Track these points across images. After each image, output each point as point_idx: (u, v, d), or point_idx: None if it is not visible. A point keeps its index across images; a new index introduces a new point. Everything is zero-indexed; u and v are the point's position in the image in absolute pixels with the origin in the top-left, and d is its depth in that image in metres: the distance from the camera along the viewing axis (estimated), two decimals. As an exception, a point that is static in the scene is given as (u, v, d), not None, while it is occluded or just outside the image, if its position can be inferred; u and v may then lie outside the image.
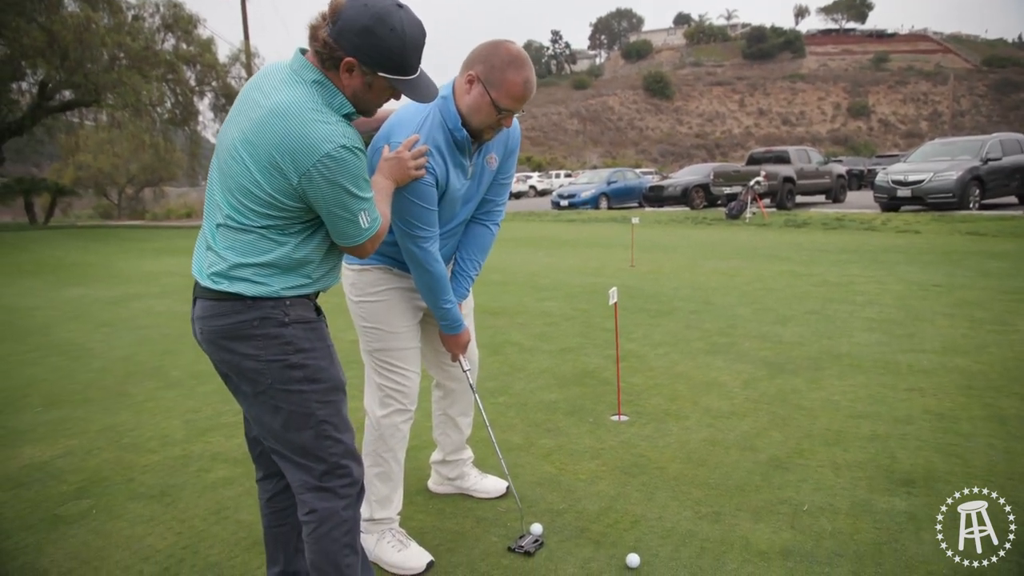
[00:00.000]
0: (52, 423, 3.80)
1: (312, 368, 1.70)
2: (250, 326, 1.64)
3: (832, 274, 7.69)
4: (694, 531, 2.39)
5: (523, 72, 1.98)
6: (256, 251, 1.63)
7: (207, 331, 1.69)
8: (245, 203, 1.60)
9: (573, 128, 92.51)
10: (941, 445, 3.00)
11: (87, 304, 7.81)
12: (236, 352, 1.66)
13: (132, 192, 38.67)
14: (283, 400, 1.68)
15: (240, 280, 1.64)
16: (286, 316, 1.66)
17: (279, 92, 1.60)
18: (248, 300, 1.64)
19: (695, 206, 20.97)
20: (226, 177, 1.63)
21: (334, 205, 1.59)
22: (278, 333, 1.66)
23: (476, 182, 2.24)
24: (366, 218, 1.66)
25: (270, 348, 1.65)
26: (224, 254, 1.64)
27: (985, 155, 14.79)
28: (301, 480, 1.74)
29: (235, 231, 1.63)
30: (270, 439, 1.74)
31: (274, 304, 1.65)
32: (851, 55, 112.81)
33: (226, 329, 1.65)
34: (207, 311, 1.68)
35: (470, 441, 2.80)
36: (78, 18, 20.82)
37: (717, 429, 3.29)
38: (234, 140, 1.62)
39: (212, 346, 1.70)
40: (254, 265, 1.63)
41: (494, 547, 2.35)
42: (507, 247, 12.06)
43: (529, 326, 5.69)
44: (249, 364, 1.66)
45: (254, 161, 1.57)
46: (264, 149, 1.56)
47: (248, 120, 1.60)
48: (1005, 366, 4.05)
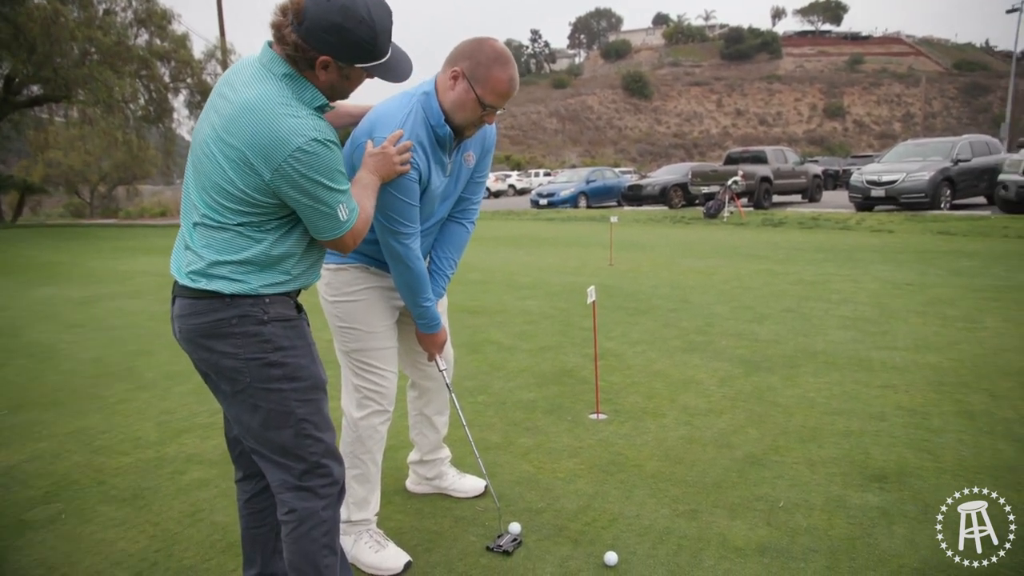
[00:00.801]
0: (19, 427, 3.72)
1: (292, 366, 1.68)
2: (228, 324, 1.62)
3: (808, 273, 7.78)
4: (671, 528, 2.40)
5: (508, 69, 1.99)
6: (233, 248, 1.61)
7: (186, 329, 1.67)
8: (220, 201, 1.58)
9: (552, 127, 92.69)
10: (913, 441, 3.04)
11: (57, 304, 7.65)
12: (215, 351, 1.65)
13: (105, 190, 38.03)
14: (262, 399, 1.66)
15: (218, 278, 1.61)
16: (265, 314, 1.64)
17: (249, 88, 1.58)
18: (227, 298, 1.62)
19: (673, 205, 21.12)
20: (200, 175, 1.61)
21: (309, 200, 1.57)
22: (257, 331, 1.64)
23: (454, 180, 2.22)
24: (344, 211, 1.63)
25: (248, 346, 1.63)
26: (202, 252, 1.62)
27: (956, 156, 15.08)
28: (281, 479, 1.72)
29: (212, 229, 1.61)
30: (250, 438, 1.72)
31: (253, 302, 1.63)
32: (827, 57, 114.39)
33: (204, 327, 1.64)
34: (185, 309, 1.66)
35: (448, 440, 2.79)
36: (45, 10, 20.31)
37: (694, 427, 3.31)
38: (206, 137, 1.60)
39: (191, 344, 1.68)
40: (231, 263, 1.61)
41: (472, 547, 2.34)
42: (486, 246, 12.04)
43: (508, 325, 5.68)
44: (228, 363, 1.64)
45: (226, 158, 1.56)
46: (235, 146, 1.54)
47: (219, 116, 1.59)
48: (974, 363, 4.13)
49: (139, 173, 34.56)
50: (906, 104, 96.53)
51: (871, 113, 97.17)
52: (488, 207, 25.99)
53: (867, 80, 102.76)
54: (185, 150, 18.31)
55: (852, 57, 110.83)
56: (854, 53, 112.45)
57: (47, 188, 33.88)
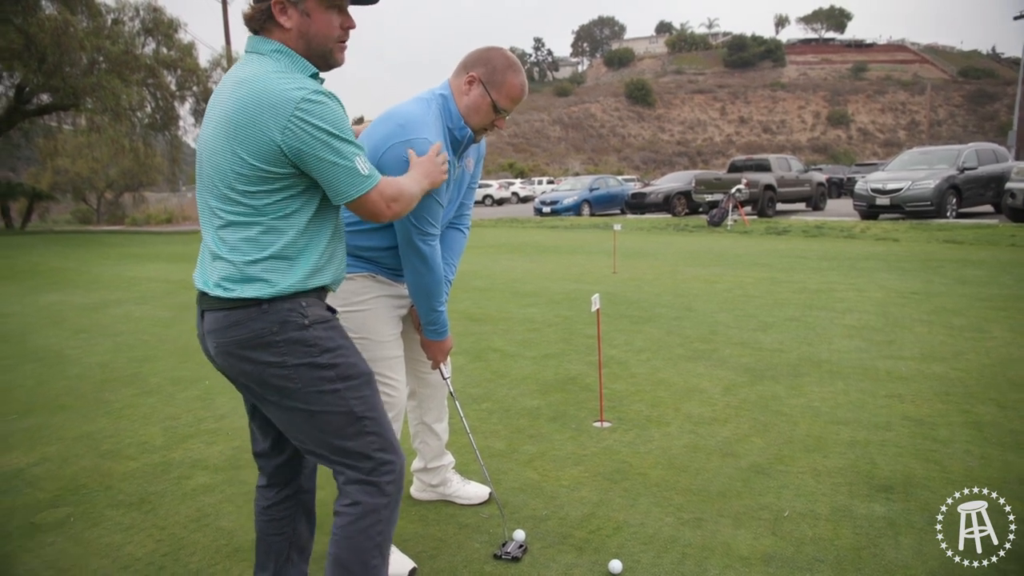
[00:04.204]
0: (28, 430, 3.74)
1: (343, 366, 1.65)
2: (269, 333, 1.58)
3: (812, 281, 7.77)
4: (676, 537, 2.40)
5: (521, 75, 2.12)
6: (261, 245, 1.58)
7: (223, 343, 1.61)
8: (237, 188, 1.56)
9: (555, 135, 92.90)
10: (919, 451, 3.04)
11: (64, 310, 7.69)
12: (258, 361, 1.59)
13: (111, 197, 38.22)
14: (317, 402, 1.62)
15: (252, 281, 1.57)
16: (305, 318, 1.61)
17: (241, 71, 1.59)
18: (264, 305, 1.58)
19: (677, 213, 21.12)
20: (213, 175, 1.59)
21: (324, 152, 1.52)
22: (300, 336, 1.60)
23: (458, 185, 2.28)
24: (363, 164, 1.58)
25: (294, 352, 1.59)
26: (230, 257, 1.58)
27: (962, 164, 15.06)
28: (347, 476, 1.69)
29: (237, 228, 1.57)
30: (309, 444, 1.68)
31: (291, 306, 1.59)
32: (830, 64, 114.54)
33: (244, 339, 1.58)
34: (220, 322, 1.60)
35: (452, 447, 2.80)
36: (56, 21, 20.53)
37: (698, 435, 3.31)
38: (210, 135, 1.59)
39: (230, 358, 1.62)
40: (262, 260, 1.57)
41: (476, 553, 2.35)
42: (490, 253, 12.06)
43: (512, 332, 5.69)
44: (274, 372, 1.60)
45: (235, 139, 1.53)
46: (241, 123, 1.52)
47: (220, 108, 1.58)
48: (982, 373, 4.12)
49: (145, 180, 34.80)
50: (911, 112, 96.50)
51: (875, 121, 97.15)
52: (491, 215, 26.06)
53: (871, 88, 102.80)
54: (191, 157, 18.42)
55: (856, 65, 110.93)
56: (858, 61, 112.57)
57: (55, 195, 34.09)
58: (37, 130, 27.74)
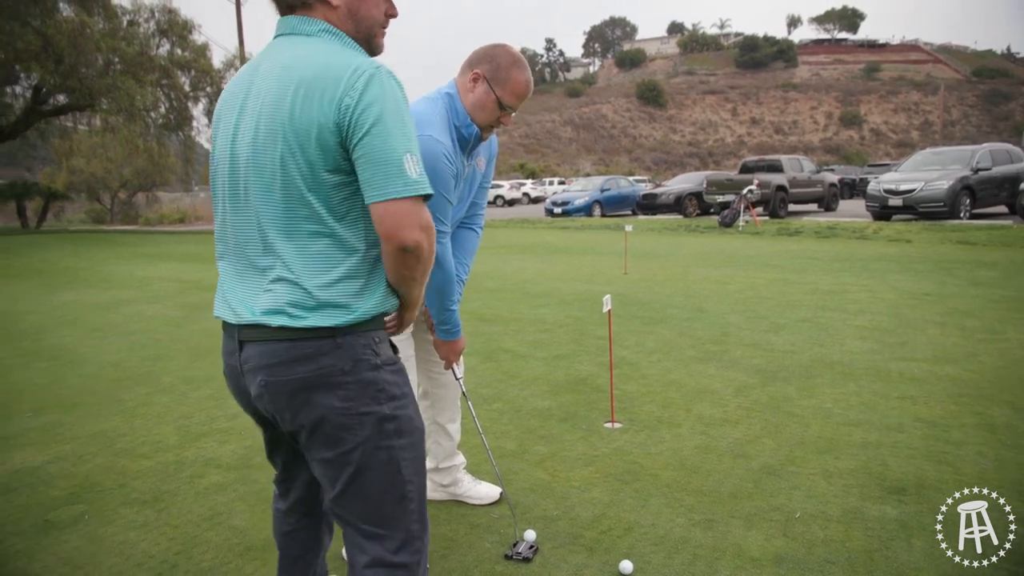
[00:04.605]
0: (43, 428, 3.78)
1: (403, 419, 1.43)
2: (340, 372, 1.36)
3: (824, 282, 7.73)
4: (687, 538, 2.39)
5: (525, 72, 2.12)
6: (334, 261, 1.35)
7: (279, 383, 1.36)
8: (297, 195, 1.33)
9: (567, 136, 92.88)
10: (932, 453, 3.02)
11: (78, 309, 7.76)
12: (319, 405, 1.36)
13: (125, 197, 38.52)
14: (371, 460, 1.40)
15: (327, 307, 1.34)
16: (377, 356, 1.40)
17: (283, 55, 1.38)
18: (337, 336, 1.35)
19: (688, 214, 21.05)
20: (268, 180, 1.35)
21: (376, 134, 1.28)
22: (372, 378, 1.39)
23: (468, 184, 2.29)
24: (413, 165, 1.31)
25: (362, 397, 1.37)
26: (301, 278, 1.34)
27: (975, 165, 14.92)
28: (373, 556, 1.45)
29: (307, 240, 1.34)
30: (342, 507, 1.45)
31: (365, 342, 1.39)
32: (843, 65, 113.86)
33: (311, 377, 1.35)
34: (280, 356, 1.35)
35: (463, 447, 2.80)
36: (73, 23, 20.77)
37: (710, 436, 3.31)
38: (256, 133, 1.36)
39: (283, 399, 1.38)
40: (339, 281, 1.35)
41: (488, 553, 2.35)
42: (501, 254, 12.07)
43: (523, 333, 5.70)
44: (336, 419, 1.37)
45: (287, 135, 1.32)
46: (288, 114, 1.31)
47: (263, 101, 1.36)
48: (995, 374, 4.08)
49: (159, 180, 35.03)
50: (924, 112, 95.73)
51: (888, 121, 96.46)
52: (503, 215, 26.07)
53: (884, 88, 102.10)
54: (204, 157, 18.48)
55: (869, 65, 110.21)
56: (871, 61, 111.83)
57: (70, 195, 34.42)
58: (53, 130, 28.06)
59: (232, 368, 1.47)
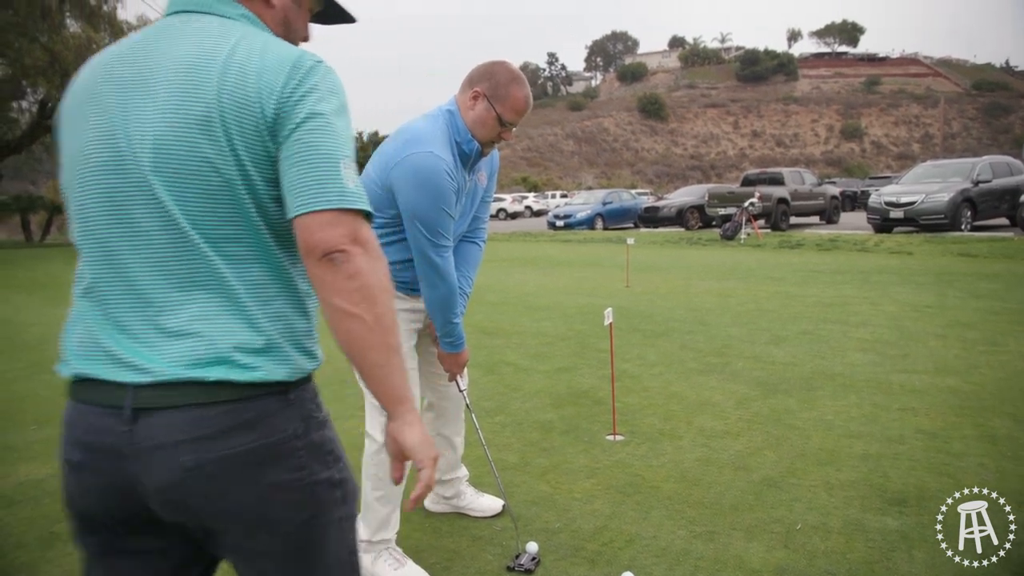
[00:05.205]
0: (47, 440, 3.79)
1: (349, 482, 1.17)
2: (292, 436, 1.07)
3: (826, 295, 7.75)
4: (688, 550, 2.40)
5: (524, 88, 2.16)
6: (269, 294, 1.08)
7: (213, 462, 1.01)
8: (229, 205, 1.05)
9: (569, 149, 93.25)
10: (933, 464, 3.02)
11: (83, 322, 7.79)
12: (263, 483, 1.04)
13: (128, 210, 38.71)
14: (324, 538, 1.12)
15: (276, 352, 1.06)
16: (320, 411, 1.14)
17: (191, 37, 1.09)
18: (291, 392, 1.08)
19: (690, 227, 21.10)
20: (176, 194, 1.04)
21: (311, 128, 1.04)
22: (321, 439, 1.12)
23: (470, 198, 2.32)
24: (349, 171, 1.05)
25: (314, 463, 1.10)
26: (242, 311, 1.05)
27: (976, 177, 14.97)
28: None
29: (240, 266, 1.06)
30: None
31: (311, 396, 1.13)
32: (843, 78, 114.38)
33: (258, 448, 1.03)
34: (212, 424, 1.01)
35: (465, 460, 2.82)
36: (80, 38, 21.00)
37: (711, 449, 3.32)
38: (156, 138, 1.04)
39: (216, 485, 1.02)
40: (285, 317, 1.09)
41: (489, 565, 2.36)
42: (503, 267, 12.11)
43: (525, 346, 5.71)
44: (283, 497, 1.06)
45: (212, 128, 1.03)
46: (215, 103, 1.03)
47: (167, 97, 1.05)
48: (996, 386, 4.09)
49: (162, 194, 35.19)
50: (925, 125, 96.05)
51: (889, 134, 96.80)
52: (505, 228, 26.14)
53: (884, 101, 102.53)
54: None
55: (869, 78, 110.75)
56: (871, 74, 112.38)
57: (73, 209, 34.55)
58: (58, 145, 28.24)
59: (104, 452, 1.02)
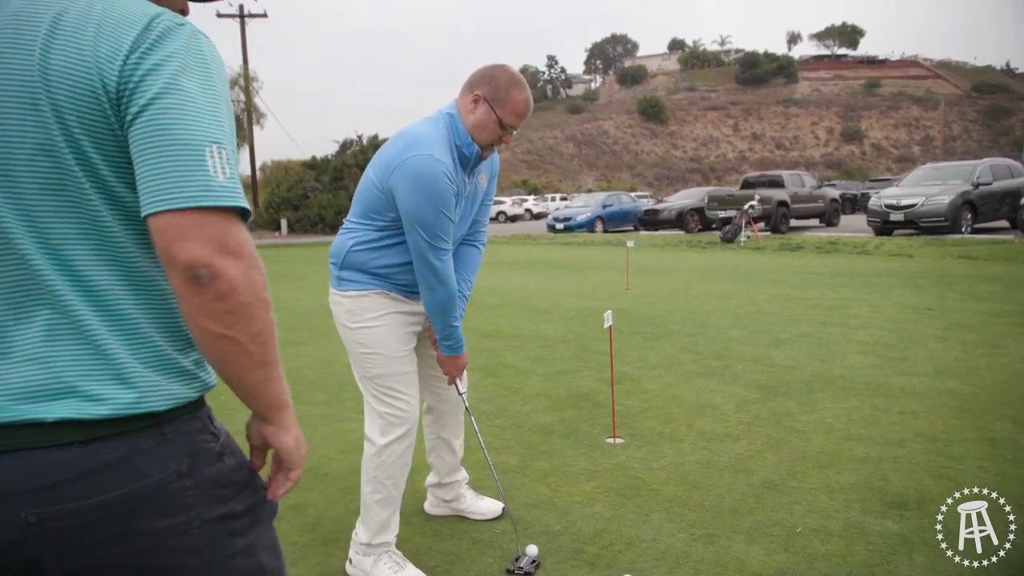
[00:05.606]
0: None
1: (256, 501, 1.01)
2: (174, 477, 0.89)
3: (826, 297, 7.75)
4: (688, 553, 2.40)
5: (525, 91, 2.17)
6: (124, 307, 0.88)
7: (65, 515, 0.83)
8: (74, 199, 0.86)
9: (569, 152, 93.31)
10: (933, 467, 3.02)
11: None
12: (140, 533, 0.87)
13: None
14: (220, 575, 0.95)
15: (125, 381, 0.86)
16: (216, 440, 0.97)
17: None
18: (165, 426, 0.89)
19: (690, 230, 21.11)
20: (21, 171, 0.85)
21: (164, 107, 0.83)
22: (216, 475, 0.94)
23: (471, 201, 2.33)
24: (217, 160, 0.84)
25: (205, 502, 0.92)
26: (91, 330, 0.86)
27: (976, 180, 14.99)
28: None
29: (91, 270, 0.87)
30: None
31: (201, 426, 0.95)
32: (843, 80, 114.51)
33: (125, 497, 0.85)
34: (60, 472, 0.82)
35: (465, 462, 2.82)
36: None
37: (711, 451, 3.32)
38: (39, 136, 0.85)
39: (74, 540, 0.84)
40: (131, 338, 0.88)
41: (490, 568, 2.36)
42: (503, 270, 12.11)
43: (525, 349, 5.72)
44: (167, 547, 0.89)
45: (39, 103, 0.84)
46: (42, 72, 0.84)
47: None
48: (996, 389, 4.09)
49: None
50: (925, 127, 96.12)
51: (889, 136, 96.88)
52: (505, 231, 26.15)
53: (884, 104, 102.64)
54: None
55: (869, 81, 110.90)
56: (871, 77, 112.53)
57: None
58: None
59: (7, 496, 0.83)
